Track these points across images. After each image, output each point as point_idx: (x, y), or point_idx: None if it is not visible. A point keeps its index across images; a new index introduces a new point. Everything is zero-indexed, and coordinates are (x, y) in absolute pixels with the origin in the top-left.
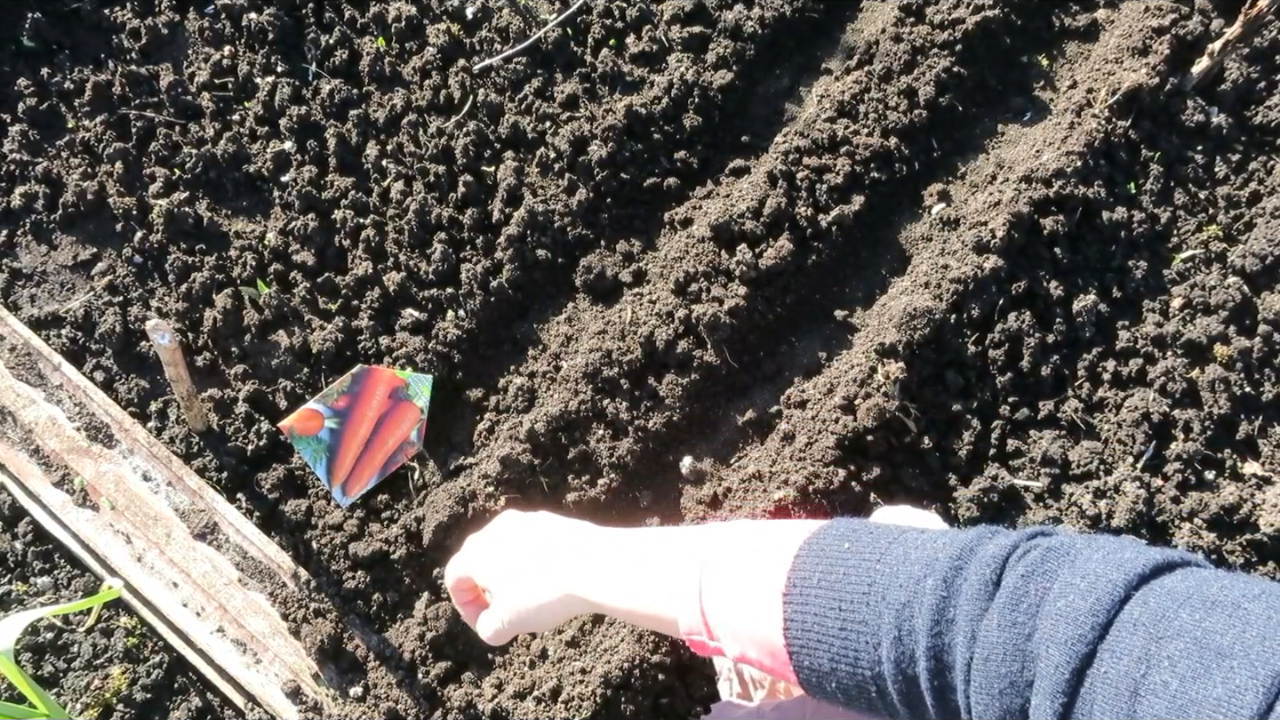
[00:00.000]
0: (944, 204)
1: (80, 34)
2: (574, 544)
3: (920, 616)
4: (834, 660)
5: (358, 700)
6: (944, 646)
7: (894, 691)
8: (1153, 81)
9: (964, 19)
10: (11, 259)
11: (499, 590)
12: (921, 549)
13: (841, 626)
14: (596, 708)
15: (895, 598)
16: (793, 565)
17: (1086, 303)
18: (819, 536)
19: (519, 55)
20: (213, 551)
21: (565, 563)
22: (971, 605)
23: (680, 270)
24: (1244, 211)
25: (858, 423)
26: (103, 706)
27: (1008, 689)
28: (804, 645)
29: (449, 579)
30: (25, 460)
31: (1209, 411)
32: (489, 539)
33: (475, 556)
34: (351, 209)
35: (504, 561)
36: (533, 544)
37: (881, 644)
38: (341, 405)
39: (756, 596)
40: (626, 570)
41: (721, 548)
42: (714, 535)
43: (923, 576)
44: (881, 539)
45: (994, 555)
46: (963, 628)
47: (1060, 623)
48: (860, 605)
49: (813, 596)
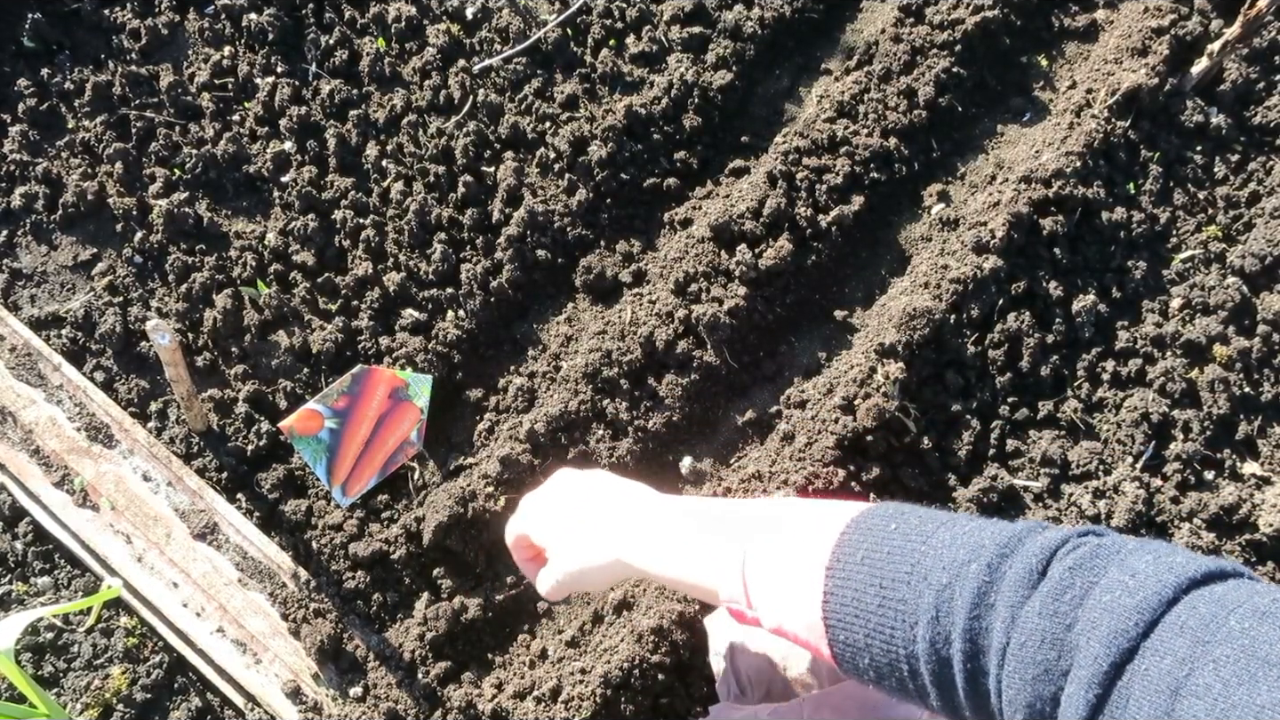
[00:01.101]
0: (943, 204)
1: (80, 34)
2: (624, 509)
3: (960, 598)
4: (869, 636)
5: (358, 700)
6: (981, 629)
7: (926, 671)
8: (1152, 82)
9: (964, 19)
10: (12, 259)
11: (553, 550)
12: (969, 535)
13: (880, 603)
14: (596, 708)
15: (937, 579)
16: (838, 541)
17: (1086, 303)
18: (867, 516)
19: (519, 55)
20: (213, 551)
21: (614, 528)
22: (1014, 592)
23: (680, 270)
24: (1243, 212)
25: (857, 423)
26: (103, 706)
27: (1042, 675)
28: (841, 619)
29: (509, 537)
30: (25, 460)
31: (1208, 412)
32: (543, 499)
33: (530, 516)
34: (351, 209)
35: (557, 522)
36: (584, 506)
37: (919, 623)
38: (341, 405)
39: (799, 569)
40: (673, 539)
41: (769, 521)
42: (763, 510)
43: (967, 561)
44: (929, 523)
45: (1042, 546)
46: (1002, 613)
47: (1105, 616)
48: (901, 584)
49: (855, 573)
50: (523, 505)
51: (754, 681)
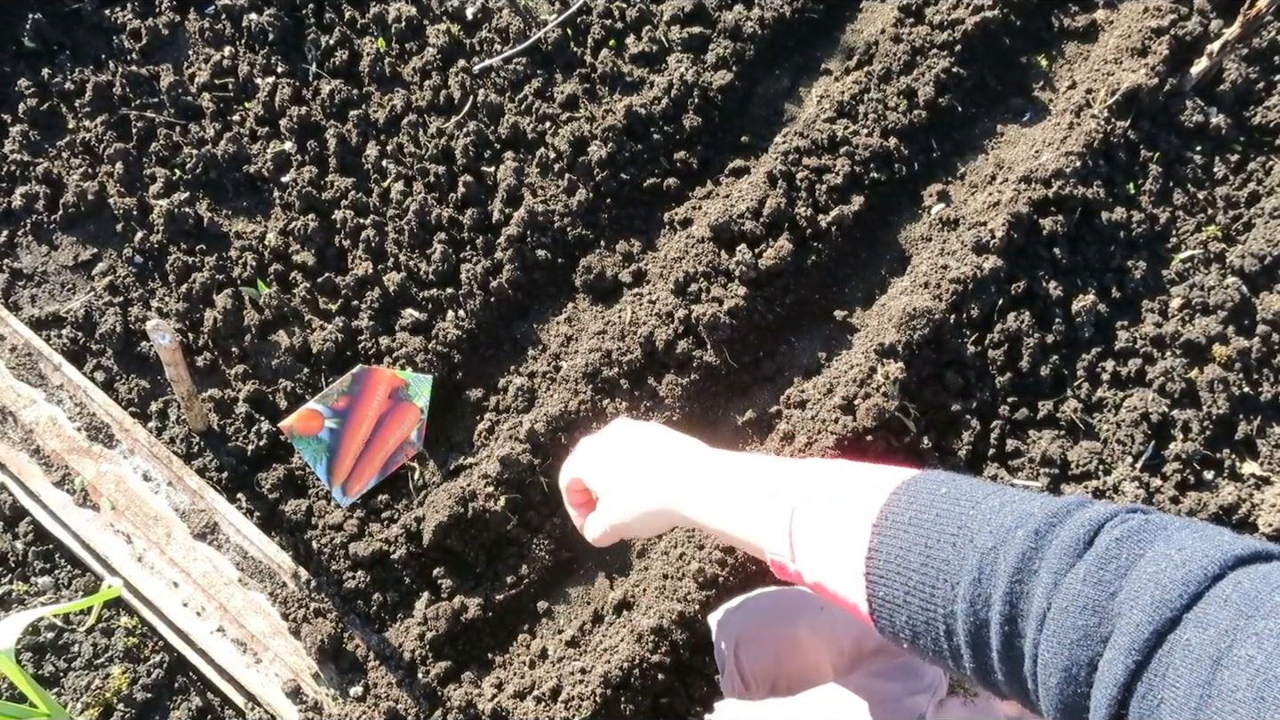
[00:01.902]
0: (943, 204)
1: (81, 35)
2: (677, 459)
3: (1004, 562)
4: (909, 593)
5: (358, 700)
6: (1022, 594)
7: (962, 632)
8: (1152, 82)
9: (963, 19)
10: (12, 259)
11: (604, 495)
12: (1018, 503)
13: (924, 562)
14: (596, 708)
15: (982, 542)
16: (888, 501)
17: (1086, 303)
18: (918, 479)
19: (519, 56)
20: (213, 551)
21: (667, 477)
22: (1059, 560)
23: (680, 270)
24: (1243, 212)
25: (857, 423)
26: (103, 706)
27: (1081, 640)
28: (883, 575)
29: (563, 479)
30: (26, 460)
31: (1208, 411)
32: (600, 443)
33: (586, 459)
34: (351, 209)
35: (611, 468)
36: (639, 454)
37: (960, 583)
38: (341, 405)
39: (846, 526)
40: (723, 491)
41: (820, 478)
42: (814, 468)
43: (1014, 527)
44: (979, 490)
45: (1091, 518)
46: (1045, 579)
47: (1149, 586)
48: (946, 545)
49: (901, 531)
50: (579, 449)
51: (758, 677)
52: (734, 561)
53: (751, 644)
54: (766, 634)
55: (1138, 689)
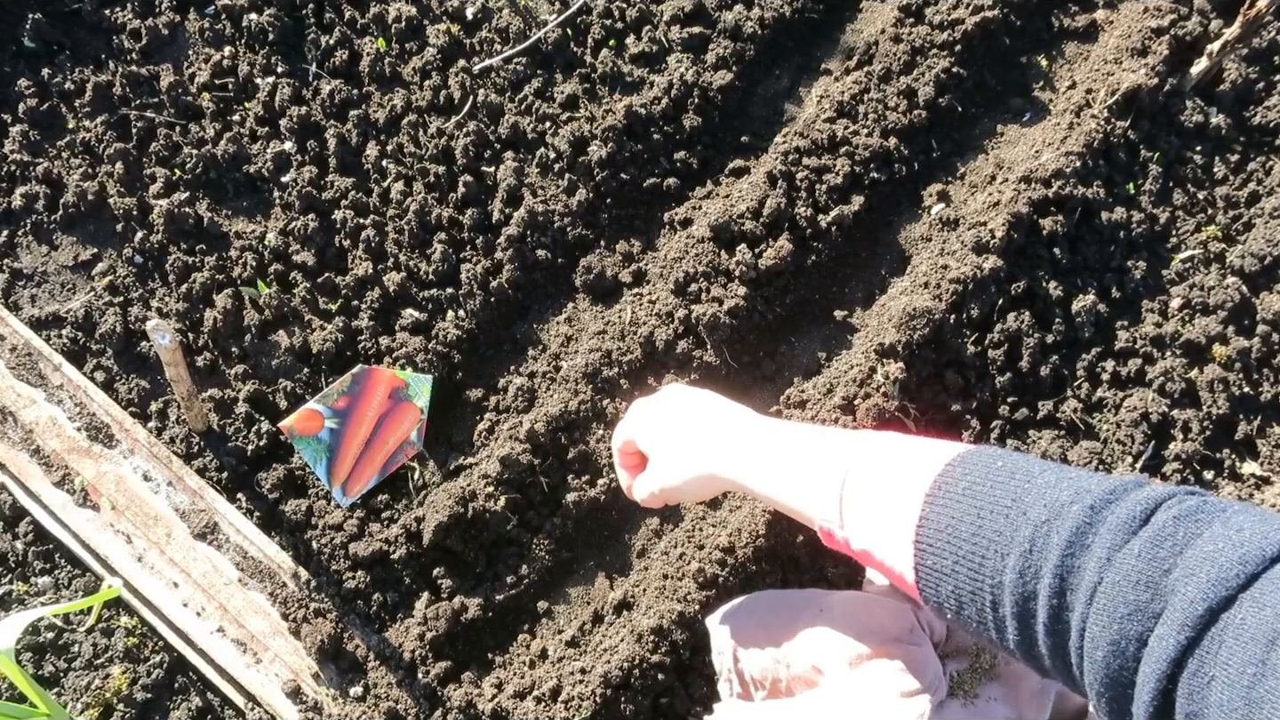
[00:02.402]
0: (943, 204)
1: (81, 35)
2: (729, 425)
3: (1057, 535)
4: (958, 563)
5: (358, 700)
6: (1073, 568)
7: (1009, 603)
8: (1152, 82)
9: (963, 19)
10: (12, 259)
11: (655, 457)
12: (1075, 480)
13: (975, 532)
14: (596, 708)
15: (1036, 515)
16: (942, 471)
17: (1086, 303)
18: (975, 452)
19: (519, 56)
20: (213, 551)
21: (718, 443)
22: (1114, 535)
23: (680, 270)
24: (1243, 212)
25: (857, 423)
26: (103, 706)
27: (1132, 614)
28: (932, 544)
29: (616, 440)
30: (26, 460)
31: (1208, 411)
32: (654, 406)
33: (639, 422)
34: (352, 209)
35: (664, 431)
36: (692, 418)
37: (1010, 554)
38: (341, 405)
39: (899, 494)
40: (775, 458)
41: (874, 447)
42: (867, 437)
43: (1069, 502)
44: (1035, 465)
45: (1149, 496)
46: (1098, 553)
47: (1205, 564)
48: (999, 517)
49: (954, 501)
50: (632, 411)
51: (756, 680)
52: (734, 561)
53: (750, 646)
54: (765, 636)
55: (1189, 665)
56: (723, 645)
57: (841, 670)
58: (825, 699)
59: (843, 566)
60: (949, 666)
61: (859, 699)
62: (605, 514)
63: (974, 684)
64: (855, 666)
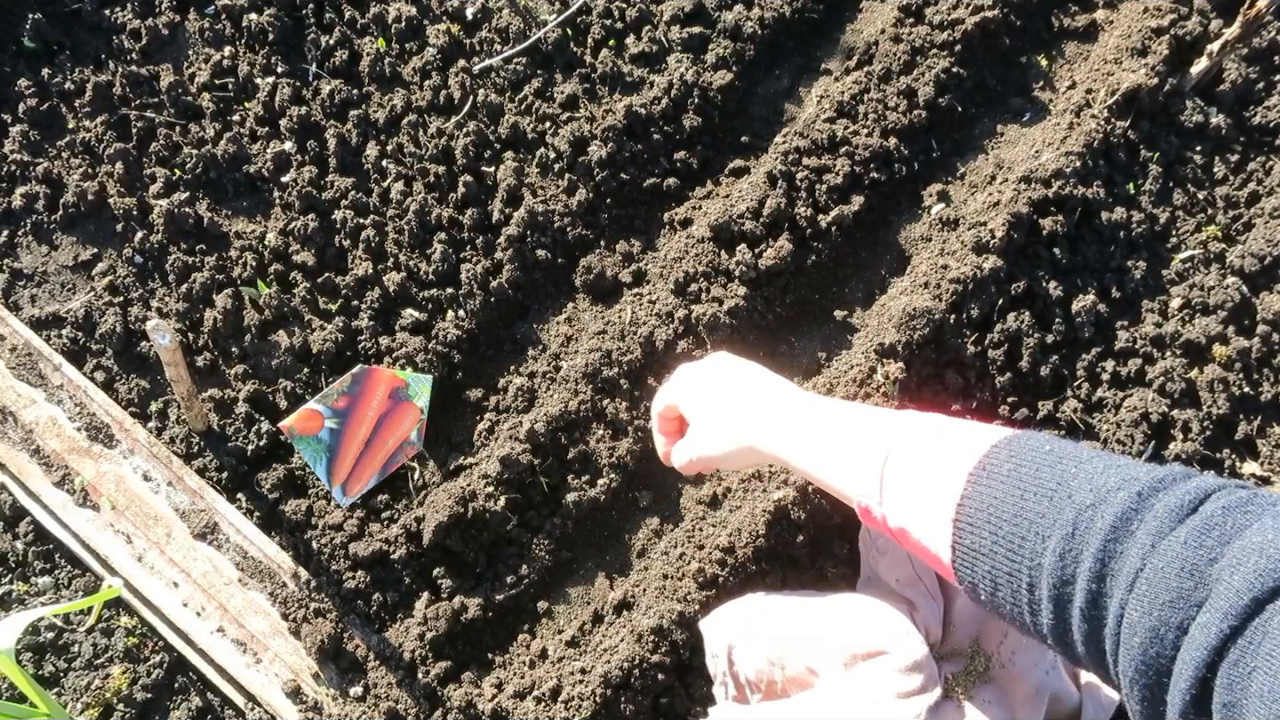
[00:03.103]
0: (943, 204)
1: (81, 35)
2: (773, 398)
3: (1101, 520)
4: (996, 543)
5: (358, 700)
6: (1115, 553)
7: (1046, 586)
8: (1152, 82)
9: (963, 19)
10: (12, 259)
11: (696, 425)
12: (1123, 467)
13: (1017, 513)
14: (596, 708)
15: (1081, 500)
16: (988, 452)
17: (1086, 303)
18: (1022, 435)
19: (519, 56)
20: (213, 551)
21: (761, 415)
22: (1159, 522)
23: (680, 270)
24: (1243, 212)
25: None
26: (103, 706)
27: (1174, 601)
28: (972, 523)
29: (657, 404)
30: (26, 460)
31: (1208, 412)
32: (700, 374)
33: (683, 387)
34: (351, 209)
35: (707, 399)
36: (736, 388)
37: (1051, 538)
38: (341, 405)
39: (941, 472)
40: (817, 433)
41: (919, 427)
42: (912, 417)
43: (1116, 488)
44: (1084, 452)
45: (1198, 486)
46: (1142, 540)
47: (1252, 555)
48: (1043, 499)
49: (998, 482)
50: (676, 376)
51: (751, 682)
52: (734, 561)
53: (745, 648)
54: (760, 638)
55: (1229, 654)
56: (717, 648)
57: (836, 672)
58: (820, 701)
59: (842, 567)
60: (944, 669)
61: (854, 701)
62: (605, 514)
63: (969, 686)
64: (850, 668)
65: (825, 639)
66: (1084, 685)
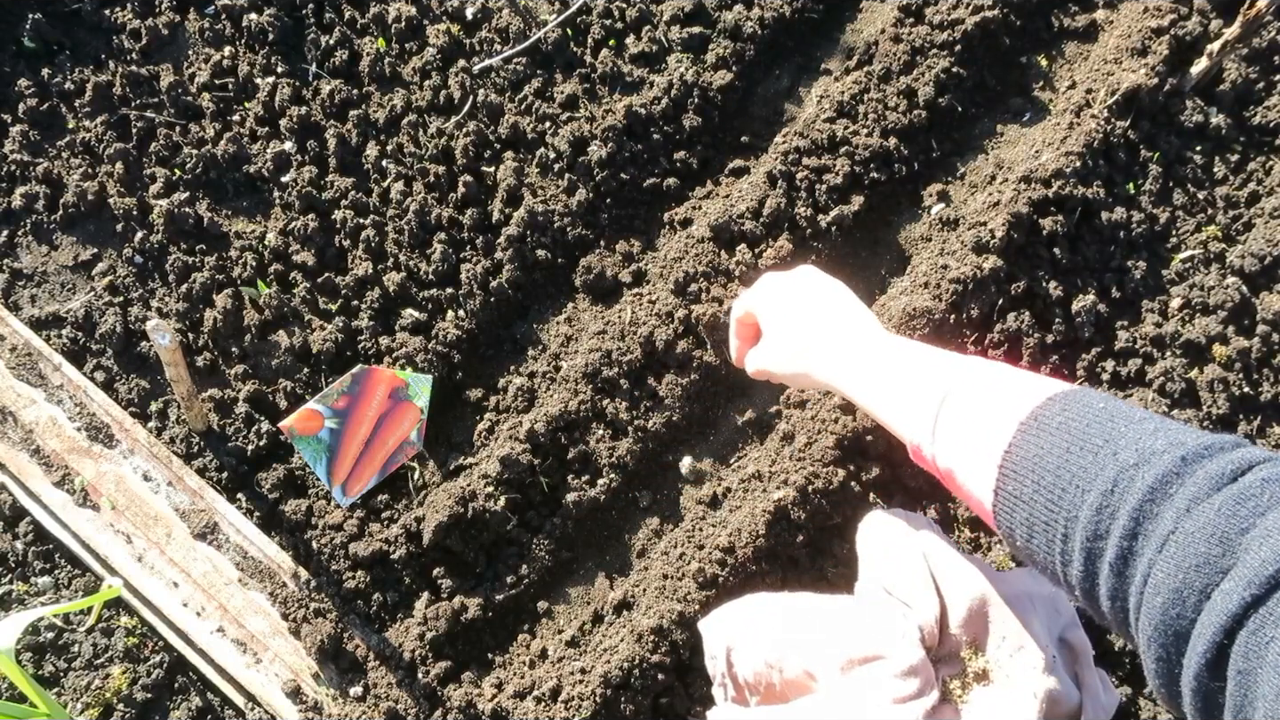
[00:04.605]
0: (943, 204)
1: (81, 35)
2: (843, 329)
3: (1142, 480)
4: (1037, 491)
5: (358, 700)
6: (1151, 514)
7: (1079, 538)
8: (1152, 82)
9: (963, 19)
10: (12, 259)
11: (769, 337)
12: (1173, 431)
13: (1061, 464)
14: (596, 708)
15: (1125, 458)
16: (1043, 403)
17: (1085, 303)
18: (1078, 391)
19: (519, 56)
20: (213, 551)
21: (833, 346)
22: (1198, 487)
23: (680, 270)
24: (1243, 212)
25: (857, 423)
26: (103, 706)
27: (1200, 566)
28: (1016, 471)
29: (737, 308)
30: (26, 460)
31: (1208, 412)
32: (782, 287)
33: (763, 298)
34: (351, 209)
35: (786, 315)
36: (809, 311)
37: (1091, 492)
38: (341, 405)
39: (994, 419)
40: (878, 371)
41: (979, 372)
42: (974, 362)
43: (1163, 451)
44: (1138, 413)
45: (1244, 456)
46: (1179, 503)
47: None
48: (1088, 453)
49: (1047, 434)
50: (761, 283)
51: (750, 684)
52: (734, 561)
53: (743, 650)
54: (758, 640)
55: (1249, 623)
56: (716, 649)
57: (834, 676)
58: (819, 704)
59: (842, 567)
60: (941, 672)
61: (852, 704)
62: (605, 514)
63: (966, 689)
64: (848, 672)
65: (823, 643)
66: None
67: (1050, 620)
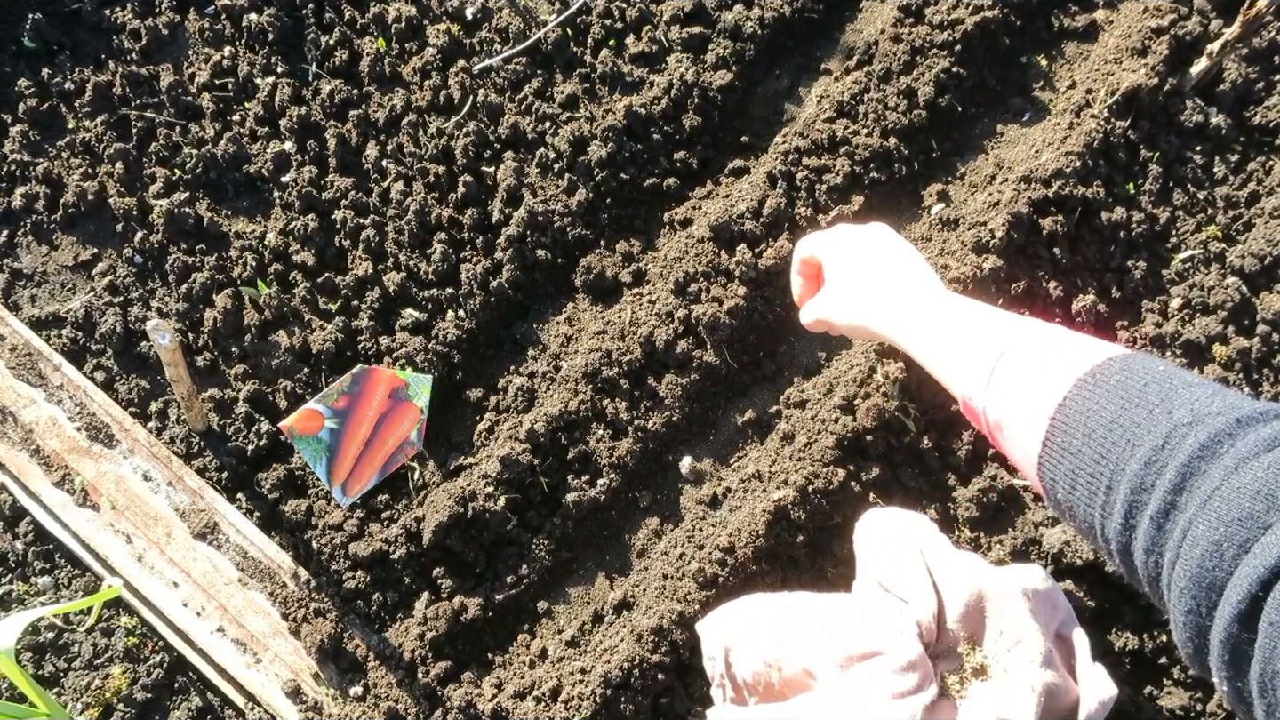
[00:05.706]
0: (943, 204)
1: (81, 35)
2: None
3: (1194, 437)
4: (1086, 444)
5: (358, 700)
6: (1198, 470)
7: (1123, 490)
8: (1152, 82)
9: (963, 19)
10: (12, 259)
11: (831, 286)
12: (1231, 396)
13: (1113, 418)
14: (596, 708)
15: (1180, 416)
16: (1102, 363)
17: (1086, 303)
18: (1138, 354)
19: (519, 56)
20: (213, 551)
21: (885, 301)
22: (1249, 448)
23: (680, 270)
24: (1243, 212)
25: (857, 423)
26: (103, 706)
27: (1243, 520)
28: (1068, 424)
29: (802, 249)
30: (26, 460)
31: None
32: (851, 239)
33: (830, 246)
34: (351, 209)
35: (846, 266)
36: (875, 266)
37: (1141, 446)
38: (341, 405)
39: (1050, 374)
40: (936, 326)
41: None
42: (1034, 323)
43: (1217, 413)
44: (1196, 379)
45: None
46: (1226, 461)
47: None
48: (1142, 410)
49: (1103, 391)
50: (835, 231)
51: (749, 684)
52: (734, 561)
53: (742, 650)
54: (756, 640)
55: None
56: (714, 650)
57: (833, 673)
58: (818, 701)
59: (841, 567)
60: (939, 667)
61: (851, 701)
62: (605, 514)
63: (964, 684)
64: (846, 669)
65: (821, 640)
66: (1081, 681)
67: (1047, 615)
